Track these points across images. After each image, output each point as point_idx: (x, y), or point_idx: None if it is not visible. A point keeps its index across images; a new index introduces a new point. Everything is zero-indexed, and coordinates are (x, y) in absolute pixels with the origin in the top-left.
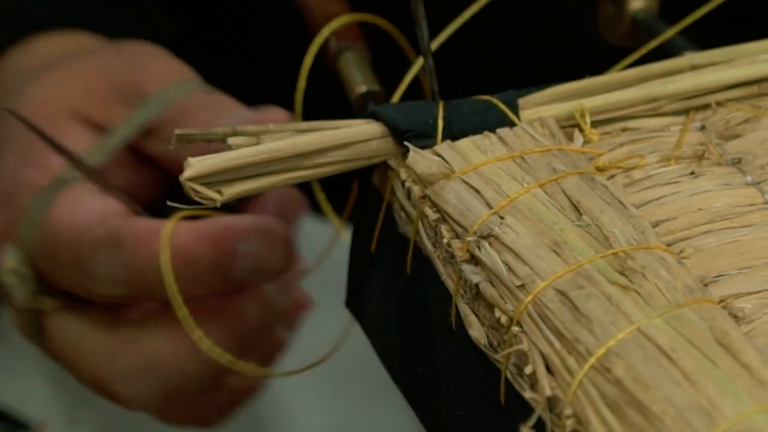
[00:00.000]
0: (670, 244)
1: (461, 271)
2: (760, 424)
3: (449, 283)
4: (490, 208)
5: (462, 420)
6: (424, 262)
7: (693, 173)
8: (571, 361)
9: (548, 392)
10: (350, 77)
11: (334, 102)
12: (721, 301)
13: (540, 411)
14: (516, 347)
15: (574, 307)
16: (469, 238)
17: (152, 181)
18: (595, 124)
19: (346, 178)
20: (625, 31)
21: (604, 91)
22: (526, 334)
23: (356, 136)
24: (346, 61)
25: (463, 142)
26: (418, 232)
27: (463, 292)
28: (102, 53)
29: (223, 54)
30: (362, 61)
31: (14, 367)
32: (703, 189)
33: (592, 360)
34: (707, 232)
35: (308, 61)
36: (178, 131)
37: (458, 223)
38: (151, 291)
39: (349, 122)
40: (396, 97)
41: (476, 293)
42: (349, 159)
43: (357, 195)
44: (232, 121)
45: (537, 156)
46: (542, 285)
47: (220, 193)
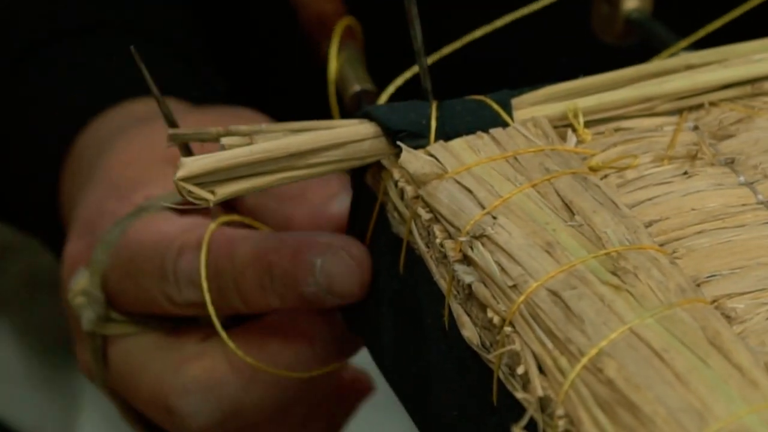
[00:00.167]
0: (662, 245)
1: (454, 271)
2: (752, 425)
3: (442, 284)
4: (483, 208)
5: (454, 420)
6: (417, 262)
7: (686, 173)
8: (563, 362)
9: (540, 392)
10: (343, 76)
11: (326, 101)
12: (714, 302)
13: (532, 411)
14: (508, 347)
15: (566, 307)
16: (462, 239)
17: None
18: (588, 124)
19: None
20: (619, 31)
21: (598, 92)
22: (519, 335)
23: (349, 136)
24: (340, 59)
25: (456, 142)
26: (411, 232)
27: (455, 293)
28: (189, 113)
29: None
30: (356, 60)
31: (7, 376)
32: (696, 189)
33: (584, 360)
34: (700, 233)
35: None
36: (171, 131)
37: (451, 224)
38: (226, 296)
39: (342, 122)
40: (383, 99)
41: (469, 293)
42: (342, 159)
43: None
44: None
45: (530, 156)
46: (534, 285)
47: (213, 193)
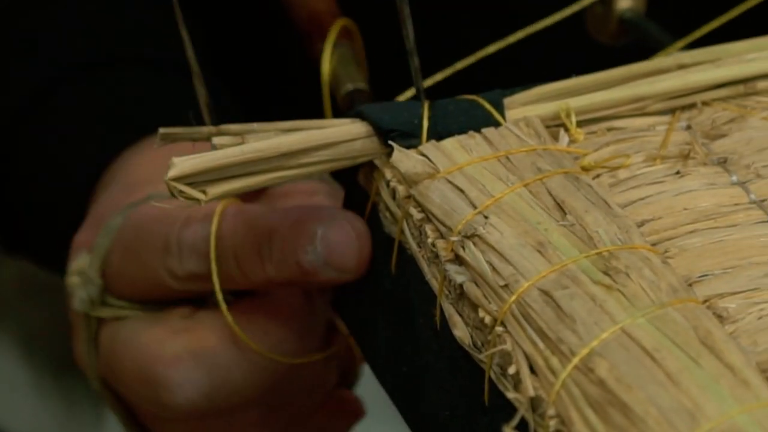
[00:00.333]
0: (654, 244)
1: (445, 271)
2: (743, 425)
3: (434, 283)
4: (475, 207)
5: (446, 420)
6: (408, 261)
7: (678, 173)
8: (555, 362)
9: (531, 392)
10: (337, 75)
11: (320, 100)
12: (706, 301)
13: (523, 411)
14: (500, 347)
15: (557, 307)
16: (454, 238)
17: None
18: (580, 124)
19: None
20: (613, 31)
21: (590, 91)
22: (510, 334)
23: (341, 136)
24: (333, 58)
25: (448, 142)
26: (402, 231)
27: (447, 292)
28: None
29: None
30: (349, 59)
31: (1, 380)
32: (689, 189)
33: (576, 360)
34: (692, 232)
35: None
36: (162, 130)
37: (443, 223)
38: (224, 265)
39: (334, 121)
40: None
41: (460, 293)
42: (334, 159)
43: (343, 188)
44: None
45: (522, 156)
46: (526, 285)
47: (204, 193)
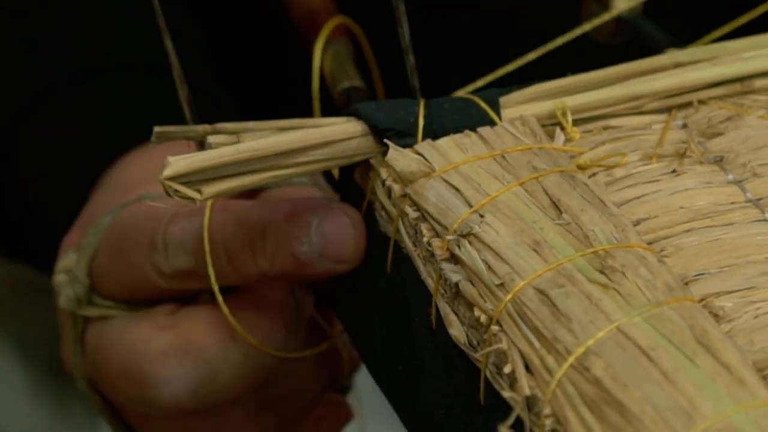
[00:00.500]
0: (651, 243)
1: (441, 269)
2: (739, 424)
3: (429, 282)
4: (470, 206)
5: (442, 419)
6: (404, 260)
7: (674, 171)
8: (550, 361)
9: (527, 391)
10: (332, 73)
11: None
12: (702, 300)
13: (519, 410)
14: (495, 346)
15: (553, 306)
16: (449, 237)
17: None
18: (576, 123)
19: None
20: (610, 30)
21: (586, 90)
22: (506, 333)
23: (337, 135)
24: (329, 56)
25: (444, 141)
26: (398, 230)
27: (443, 291)
28: None
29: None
30: (345, 56)
31: None
32: (685, 187)
33: (571, 359)
34: (688, 231)
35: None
36: (157, 129)
37: (438, 222)
38: (214, 260)
39: (329, 120)
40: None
41: (456, 292)
42: (330, 158)
43: (338, 192)
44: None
45: (518, 155)
46: (522, 284)
47: (199, 192)
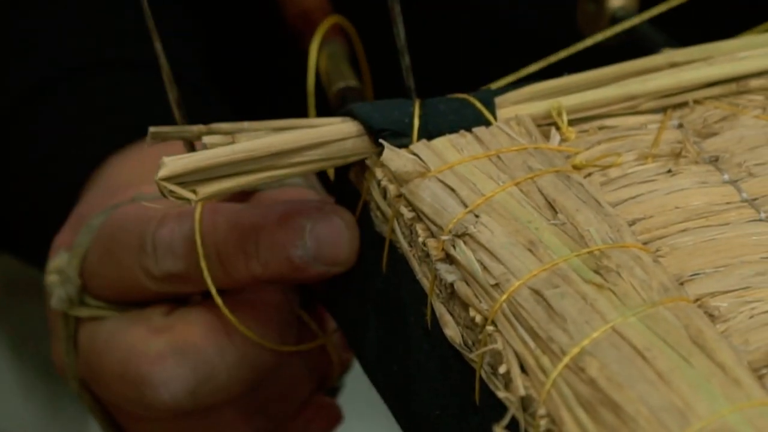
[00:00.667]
0: (646, 243)
1: (436, 270)
2: (734, 424)
3: (424, 282)
4: (466, 206)
5: (436, 419)
6: (399, 260)
7: (670, 171)
8: (545, 361)
9: (522, 392)
10: (328, 73)
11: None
12: (697, 300)
13: (514, 410)
14: (490, 347)
15: (548, 306)
16: (444, 237)
17: None
18: (572, 123)
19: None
20: (605, 29)
21: (582, 90)
22: (501, 334)
23: (332, 135)
24: (324, 56)
25: (439, 141)
26: (393, 230)
27: (438, 291)
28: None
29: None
30: (340, 56)
31: None
32: (680, 187)
33: (566, 359)
34: (684, 231)
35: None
36: (152, 129)
37: (433, 222)
38: (209, 266)
39: (324, 120)
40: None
41: (451, 292)
42: (325, 158)
43: (334, 192)
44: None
45: (513, 155)
46: (517, 284)
47: (195, 192)
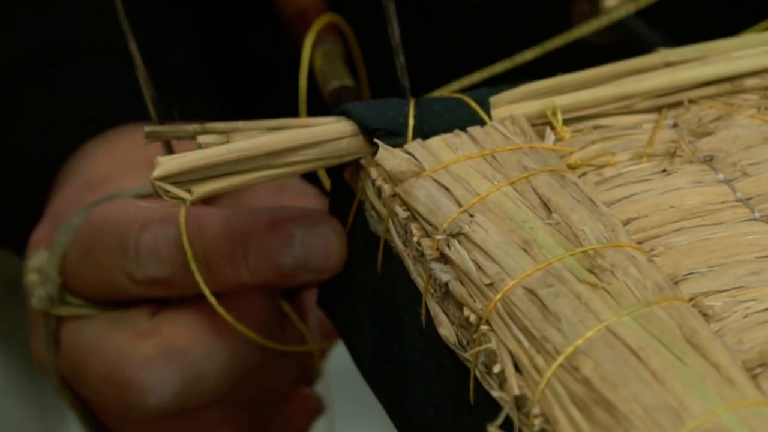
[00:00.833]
0: (640, 242)
1: (431, 269)
2: (728, 423)
3: (419, 282)
4: (460, 206)
5: (431, 418)
6: (394, 260)
7: (665, 171)
8: (540, 360)
9: (516, 391)
10: (323, 72)
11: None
12: (691, 299)
13: (508, 410)
14: (485, 346)
15: (542, 305)
16: (439, 237)
17: None
18: (567, 122)
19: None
20: (600, 29)
21: (576, 89)
22: (495, 333)
23: (327, 135)
24: (320, 55)
25: (434, 141)
26: (388, 230)
27: (432, 291)
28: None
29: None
30: (336, 55)
31: None
32: (675, 187)
33: (561, 359)
34: (678, 230)
35: (304, 70)
36: (147, 129)
37: (428, 222)
38: (189, 274)
39: (319, 120)
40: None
41: (446, 292)
42: (320, 158)
43: (329, 192)
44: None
45: (508, 154)
46: (511, 283)
47: (189, 192)
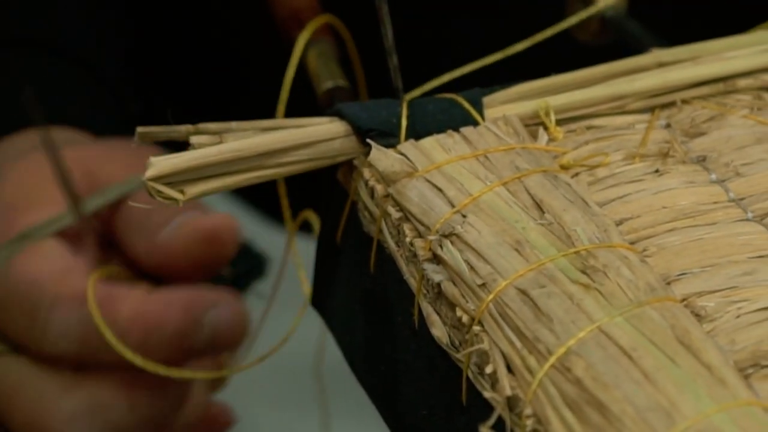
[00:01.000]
0: (633, 243)
1: (423, 270)
2: (720, 424)
3: (412, 282)
4: (453, 206)
5: (424, 419)
6: (387, 261)
7: (657, 171)
8: (532, 361)
9: (508, 392)
10: (317, 72)
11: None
12: (684, 300)
13: (500, 410)
14: (477, 346)
15: (535, 306)
16: (432, 237)
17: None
18: (560, 122)
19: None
20: (594, 29)
21: (569, 89)
22: (487, 334)
23: (320, 135)
24: (313, 55)
25: (427, 141)
26: (381, 230)
27: (425, 291)
28: (85, 146)
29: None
30: (329, 55)
31: None
32: (668, 187)
33: (553, 359)
34: (671, 231)
35: (291, 72)
36: (140, 130)
37: (421, 222)
38: (103, 352)
39: (312, 120)
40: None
41: (438, 292)
42: (313, 158)
43: (322, 192)
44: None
45: (500, 154)
46: (504, 284)
47: (182, 192)
